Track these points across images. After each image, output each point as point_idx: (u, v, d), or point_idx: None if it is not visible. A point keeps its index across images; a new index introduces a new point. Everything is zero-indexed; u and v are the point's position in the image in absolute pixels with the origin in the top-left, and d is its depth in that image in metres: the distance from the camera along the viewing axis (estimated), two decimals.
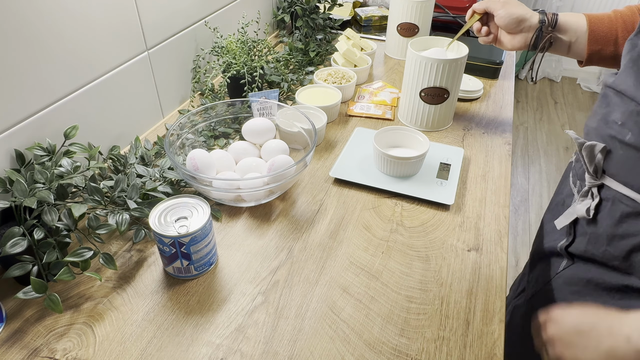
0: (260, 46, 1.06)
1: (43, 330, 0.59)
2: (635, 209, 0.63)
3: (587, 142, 0.67)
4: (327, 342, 0.58)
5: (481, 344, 0.58)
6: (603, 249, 0.67)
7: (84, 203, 0.64)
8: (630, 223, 0.63)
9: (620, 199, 0.64)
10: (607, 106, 0.66)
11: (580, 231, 0.72)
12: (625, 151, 0.63)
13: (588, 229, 0.69)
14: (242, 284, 0.65)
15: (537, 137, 2.78)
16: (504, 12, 0.86)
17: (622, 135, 0.62)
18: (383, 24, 1.51)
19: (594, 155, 0.66)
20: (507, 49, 0.90)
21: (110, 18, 0.81)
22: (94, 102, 0.82)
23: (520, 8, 0.86)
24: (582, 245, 0.70)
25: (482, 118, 1.05)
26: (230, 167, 0.81)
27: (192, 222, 0.62)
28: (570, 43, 0.84)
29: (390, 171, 0.84)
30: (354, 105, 1.07)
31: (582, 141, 0.67)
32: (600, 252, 0.67)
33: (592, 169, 0.67)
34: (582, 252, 0.70)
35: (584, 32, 0.81)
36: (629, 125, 0.62)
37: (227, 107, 0.90)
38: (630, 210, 0.63)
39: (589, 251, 0.69)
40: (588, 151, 0.67)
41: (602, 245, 0.67)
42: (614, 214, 0.65)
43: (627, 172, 0.63)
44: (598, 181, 0.67)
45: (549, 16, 0.84)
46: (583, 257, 0.70)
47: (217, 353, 0.57)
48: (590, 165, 0.67)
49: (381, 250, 0.71)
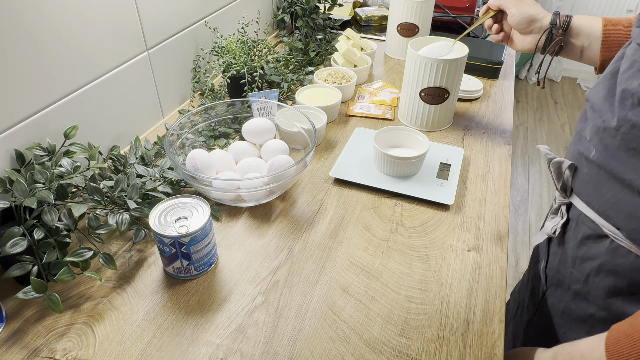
0: (260, 46, 1.06)
1: (43, 330, 0.59)
2: (595, 231, 0.60)
3: (555, 159, 0.64)
4: (327, 342, 0.58)
5: (481, 344, 0.58)
6: (569, 271, 0.65)
7: (84, 203, 0.64)
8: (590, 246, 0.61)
9: (583, 219, 0.62)
10: (585, 120, 0.63)
11: (552, 250, 0.70)
12: (589, 169, 0.60)
13: (558, 249, 0.68)
14: (242, 284, 0.65)
15: (537, 137, 2.78)
16: (516, 11, 0.82)
17: (588, 152, 0.59)
18: (383, 24, 1.51)
19: (561, 172, 0.64)
20: (518, 49, 0.87)
21: (110, 18, 0.81)
22: (94, 102, 0.82)
23: (533, 7, 0.82)
24: (555, 266, 0.69)
25: (482, 118, 1.05)
26: (230, 167, 0.81)
27: (192, 222, 0.62)
28: (582, 48, 0.78)
29: (390, 171, 0.84)
30: (354, 105, 1.07)
31: (551, 157, 0.65)
32: (567, 274, 0.66)
33: (559, 186, 0.65)
34: (555, 273, 0.68)
35: (597, 36, 0.75)
36: (595, 141, 0.58)
37: (227, 107, 0.90)
38: (590, 232, 0.61)
39: (559, 272, 0.67)
40: (556, 167, 0.64)
41: (569, 267, 0.65)
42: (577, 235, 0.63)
43: (590, 192, 0.60)
44: (567, 199, 0.65)
45: (561, 18, 0.79)
46: (556, 279, 0.68)
47: (217, 353, 0.57)
48: (558, 182, 0.65)
49: (381, 250, 0.71)
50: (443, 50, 0.94)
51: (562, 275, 0.67)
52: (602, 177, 0.58)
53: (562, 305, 0.67)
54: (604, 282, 0.60)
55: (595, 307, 0.62)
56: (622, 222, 0.57)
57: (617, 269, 0.59)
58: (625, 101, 0.54)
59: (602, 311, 0.62)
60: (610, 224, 0.58)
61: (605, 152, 0.57)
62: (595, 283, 0.61)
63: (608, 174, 0.57)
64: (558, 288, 0.69)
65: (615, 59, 0.60)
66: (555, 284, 0.70)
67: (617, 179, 0.56)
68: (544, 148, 0.68)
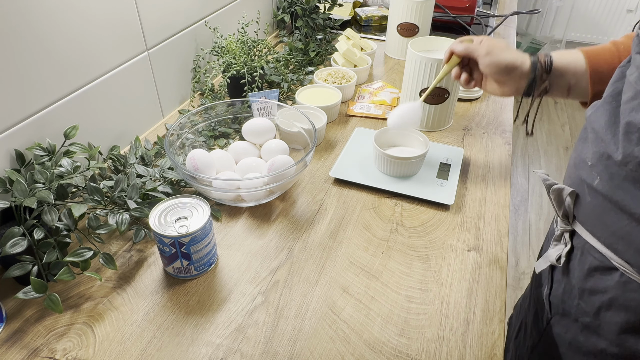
0: (260, 46, 1.06)
1: (43, 330, 0.59)
2: (603, 263, 0.56)
3: (555, 185, 0.60)
4: (327, 342, 0.58)
5: (481, 344, 0.58)
6: (576, 302, 0.61)
7: (84, 203, 0.64)
8: (598, 278, 0.57)
9: (589, 250, 0.58)
10: (584, 141, 0.58)
11: (556, 278, 0.66)
12: (593, 198, 0.55)
13: (562, 278, 0.64)
14: (242, 284, 0.65)
15: (537, 137, 2.78)
16: (489, 60, 0.73)
17: (591, 179, 0.55)
18: (383, 24, 1.50)
19: (562, 199, 0.60)
20: (497, 95, 0.78)
21: (110, 18, 0.81)
22: (94, 102, 0.82)
23: (508, 53, 0.73)
24: (559, 294, 0.65)
25: (482, 118, 1.05)
26: (230, 167, 0.81)
27: (192, 222, 0.62)
28: (569, 86, 0.72)
29: (390, 171, 0.84)
30: (354, 105, 1.07)
31: (550, 183, 0.61)
32: (574, 305, 0.62)
33: (561, 214, 0.61)
34: (560, 302, 0.65)
35: (583, 72, 0.70)
36: (598, 168, 0.54)
37: (227, 107, 0.90)
38: (598, 264, 0.57)
39: (565, 302, 0.63)
40: (556, 194, 0.60)
41: (575, 298, 0.61)
42: (583, 266, 0.59)
43: (594, 222, 0.56)
44: (569, 227, 0.61)
45: (542, 60, 0.71)
46: (561, 308, 0.65)
47: (217, 353, 0.57)
48: (559, 209, 0.61)
49: (381, 250, 0.71)
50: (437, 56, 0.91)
51: (568, 305, 0.63)
52: (607, 207, 0.54)
53: (569, 336, 0.64)
54: (616, 317, 0.56)
55: (606, 342, 0.58)
56: (631, 257, 0.53)
57: (629, 304, 0.55)
58: (630, 135, 0.50)
59: (614, 347, 0.58)
60: (618, 257, 0.55)
61: (610, 182, 0.52)
62: (607, 318, 0.57)
63: (614, 205, 0.53)
64: (564, 318, 0.65)
65: (613, 79, 0.55)
66: (560, 314, 0.66)
67: (624, 212, 0.51)
68: (541, 173, 0.64)
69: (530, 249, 2.04)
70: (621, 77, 0.54)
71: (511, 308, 0.93)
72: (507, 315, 0.93)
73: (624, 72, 0.54)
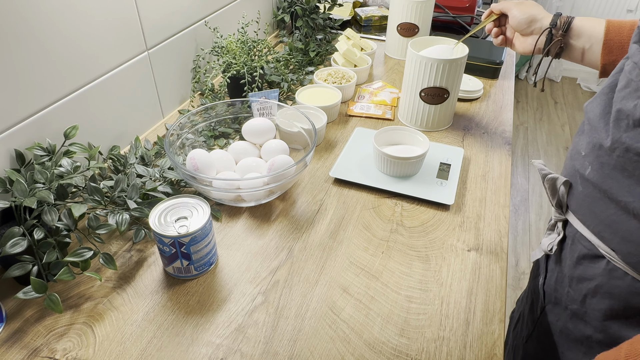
0: (260, 46, 1.06)
1: (43, 330, 0.59)
2: (591, 251, 0.58)
3: (550, 175, 0.62)
4: (327, 342, 0.58)
5: (481, 344, 0.58)
6: (566, 290, 0.64)
7: (84, 203, 0.64)
8: (587, 266, 0.59)
9: (579, 238, 0.60)
10: (581, 134, 0.61)
11: (550, 267, 0.68)
12: (584, 187, 0.57)
13: (555, 267, 0.66)
14: (242, 284, 0.65)
15: (537, 137, 2.78)
16: (516, 12, 0.81)
17: (583, 168, 0.57)
18: (383, 24, 1.51)
19: (556, 188, 0.62)
20: (519, 51, 0.85)
21: (110, 18, 0.81)
22: (94, 102, 0.82)
23: (534, 8, 0.81)
24: (552, 283, 0.67)
25: (482, 118, 1.05)
26: (230, 167, 0.81)
27: (192, 222, 0.62)
28: (583, 50, 0.75)
29: (390, 171, 0.84)
30: (354, 105, 1.07)
31: (545, 172, 0.63)
32: (564, 293, 0.64)
33: (555, 203, 0.63)
34: (553, 291, 0.67)
35: (599, 39, 0.72)
36: (590, 158, 0.56)
37: (227, 107, 0.90)
38: (587, 252, 0.59)
39: (557, 290, 0.66)
40: (550, 184, 0.62)
41: (565, 286, 0.64)
42: (573, 254, 0.61)
43: (585, 211, 0.58)
44: (563, 216, 0.63)
45: (562, 19, 0.76)
46: (553, 296, 0.67)
47: (217, 353, 0.57)
48: (553, 198, 0.63)
49: (381, 250, 0.71)
50: (444, 53, 0.94)
51: (560, 293, 0.66)
52: (597, 196, 0.56)
53: (560, 324, 0.66)
54: (601, 304, 0.59)
55: (592, 329, 0.61)
56: (617, 245, 0.55)
57: (613, 292, 0.57)
58: (620, 122, 0.52)
59: (599, 334, 0.60)
60: (605, 245, 0.56)
61: (600, 171, 0.55)
62: (592, 305, 0.60)
63: (603, 193, 0.55)
64: (556, 306, 0.67)
65: (614, 71, 0.57)
66: (553, 302, 0.68)
67: (612, 200, 0.53)
68: (538, 163, 0.66)
69: (530, 249, 2.04)
70: (621, 69, 0.55)
71: (511, 308, 0.93)
72: (508, 314, 0.93)
73: (623, 65, 0.55)
